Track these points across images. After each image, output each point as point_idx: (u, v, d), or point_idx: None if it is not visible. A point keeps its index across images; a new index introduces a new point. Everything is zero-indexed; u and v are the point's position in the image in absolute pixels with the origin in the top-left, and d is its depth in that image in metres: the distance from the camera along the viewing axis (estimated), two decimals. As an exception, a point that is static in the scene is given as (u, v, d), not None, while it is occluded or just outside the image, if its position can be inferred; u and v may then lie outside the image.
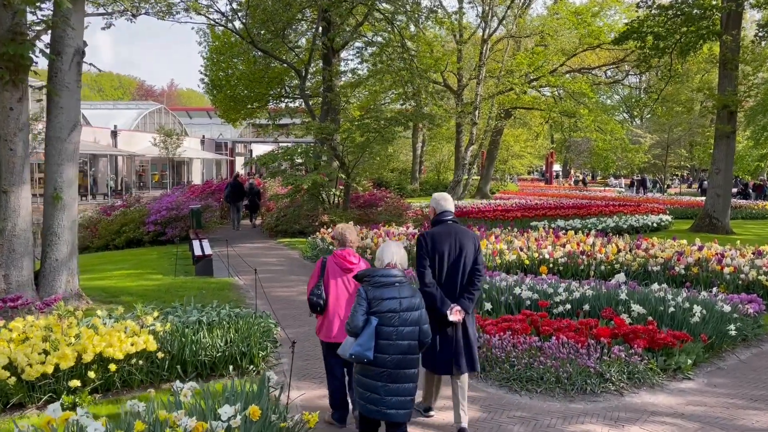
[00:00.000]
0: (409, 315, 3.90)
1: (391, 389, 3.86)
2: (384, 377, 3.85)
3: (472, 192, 35.53)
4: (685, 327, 7.03)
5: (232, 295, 9.48)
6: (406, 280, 4.06)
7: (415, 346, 3.93)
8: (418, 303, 3.99)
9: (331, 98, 17.47)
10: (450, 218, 5.00)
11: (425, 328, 3.99)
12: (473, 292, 4.85)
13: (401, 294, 3.92)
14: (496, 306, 7.81)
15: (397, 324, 3.85)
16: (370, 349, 3.76)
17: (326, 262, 5.03)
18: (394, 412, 3.88)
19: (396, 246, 4.27)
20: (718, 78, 19.46)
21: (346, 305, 4.89)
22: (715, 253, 10.47)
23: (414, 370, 3.98)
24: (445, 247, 4.81)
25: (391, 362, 3.84)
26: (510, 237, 12.49)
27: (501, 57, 30.50)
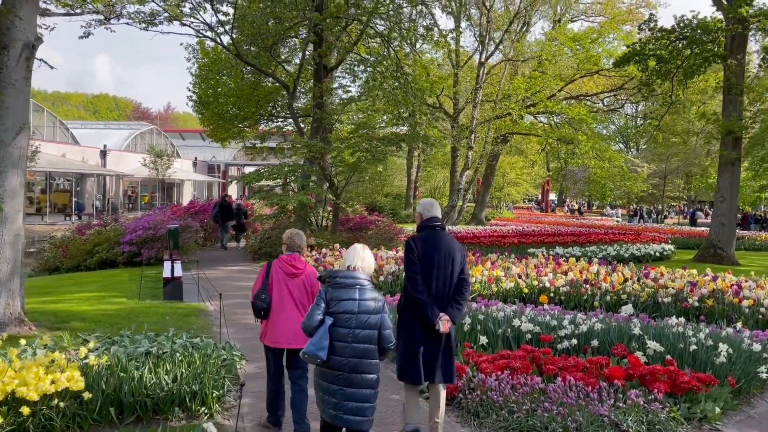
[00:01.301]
0: (367, 318, 3.79)
1: (348, 394, 3.75)
2: (340, 381, 3.76)
3: (467, 218, 34.77)
4: (710, 368, 6.12)
5: (198, 322, 8.53)
6: (368, 284, 3.93)
7: (373, 351, 3.82)
8: (380, 307, 3.86)
9: (320, 116, 16.72)
10: (438, 224, 4.84)
11: (386, 333, 3.85)
12: (461, 302, 4.69)
13: (360, 296, 3.82)
14: (493, 340, 6.89)
15: (353, 326, 3.76)
16: (322, 348, 3.68)
17: (271, 266, 5.01)
18: (352, 417, 3.76)
19: (362, 250, 4.11)
20: (723, 103, 18.85)
21: (290, 310, 4.88)
22: (730, 285, 9.59)
23: (372, 376, 3.84)
24: (434, 253, 4.64)
25: (347, 365, 3.74)
26: (507, 263, 11.60)
27: (498, 81, 29.97)
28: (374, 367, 3.86)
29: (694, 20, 18.09)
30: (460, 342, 6.83)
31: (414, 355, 4.58)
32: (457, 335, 5.77)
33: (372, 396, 3.84)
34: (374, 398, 3.87)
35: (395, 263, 10.89)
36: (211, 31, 15.40)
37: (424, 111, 18.08)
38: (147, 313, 8.89)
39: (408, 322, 4.69)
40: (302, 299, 4.94)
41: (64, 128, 40.09)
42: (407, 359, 4.64)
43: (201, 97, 22.50)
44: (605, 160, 29.95)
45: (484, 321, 7.09)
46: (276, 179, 15.57)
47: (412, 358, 4.60)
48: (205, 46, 21.91)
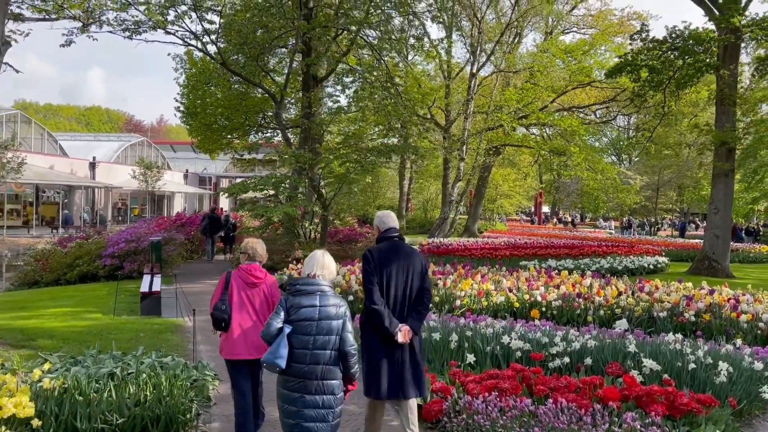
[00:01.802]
0: (328, 324, 3.76)
1: (309, 401, 3.72)
2: (301, 388, 3.73)
3: (459, 231, 34.48)
4: (709, 388, 5.80)
5: (174, 339, 8.15)
6: (330, 290, 3.90)
7: (334, 357, 3.78)
8: (341, 313, 3.83)
9: (308, 126, 16.41)
10: (395, 235, 4.82)
11: (346, 336, 3.80)
12: (422, 312, 4.65)
13: (321, 302, 3.78)
14: (481, 358, 6.55)
15: (314, 333, 3.73)
16: (280, 357, 3.65)
17: (230, 276, 4.93)
18: (313, 425, 3.72)
19: (322, 256, 4.07)
20: (716, 114, 18.68)
21: (250, 320, 4.79)
22: (727, 299, 9.29)
23: (334, 382, 3.80)
24: (393, 264, 4.62)
25: (308, 372, 3.71)
26: (498, 276, 11.27)
27: (489, 92, 29.83)
28: (336, 373, 3.80)
29: (686, 31, 17.97)
30: (446, 360, 6.49)
31: (377, 370, 4.53)
32: (425, 347, 5.79)
33: (334, 403, 3.80)
34: (337, 404, 3.82)
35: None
36: (197, 40, 15.10)
37: (414, 121, 17.81)
38: (120, 329, 8.50)
39: (369, 336, 4.64)
40: (263, 309, 4.88)
41: (53, 140, 39.67)
42: (370, 374, 4.58)
43: (188, 108, 22.17)
44: (598, 171, 29.78)
45: (472, 338, 6.75)
46: (263, 191, 15.23)
47: (375, 372, 4.55)
48: (193, 56, 21.63)
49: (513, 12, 28.38)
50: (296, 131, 20.52)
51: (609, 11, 34.07)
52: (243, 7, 16.10)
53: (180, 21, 14.56)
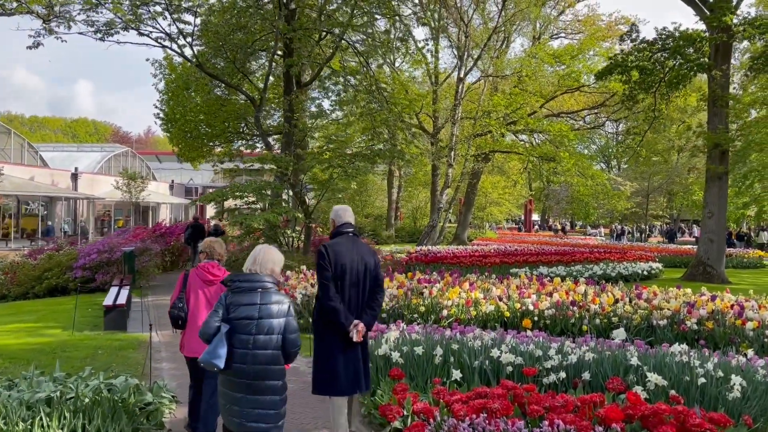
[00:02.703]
0: (269, 323, 3.63)
1: (251, 401, 3.61)
2: (243, 388, 3.62)
3: (449, 239, 33.96)
4: (721, 405, 5.22)
5: (136, 356, 7.48)
6: (272, 287, 3.75)
7: (276, 357, 3.65)
8: (284, 310, 3.69)
9: (288, 130, 15.81)
10: (350, 230, 4.78)
11: (291, 337, 3.66)
12: (376, 308, 4.69)
13: (262, 300, 3.66)
14: (468, 374, 5.94)
15: (254, 332, 3.60)
16: (218, 357, 3.53)
17: (188, 274, 4.96)
18: (255, 425, 3.62)
19: (266, 250, 3.91)
20: (708, 116, 18.29)
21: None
22: (730, 305, 8.75)
23: (277, 383, 3.69)
24: (347, 259, 4.56)
25: (249, 372, 3.60)
26: (487, 284, 10.69)
27: (477, 98, 29.41)
28: (278, 373, 3.68)
29: (675, 32, 17.60)
30: (430, 377, 5.89)
31: (334, 367, 4.51)
32: (427, 364, 5.64)
33: (277, 403, 3.67)
34: (280, 405, 3.70)
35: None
36: (171, 42, 14.51)
37: (400, 127, 17.27)
38: (78, 346, 7.82)
39: (324, 332, 4.59)
40: None
41: (33, 151, 38.83)
42: (327, 372, 4.56)
43: (168, 115, 21.54)
44: (588, 177, 29.39)
45: (459, 351, 6.14)
46: (241, 197, 14.60)
47: (332, 370, 4.53)
48: (173, 62, 21.04)
49: (500, 16, 28.01)
50: (280, 138, 19.93)
51: (597, 16, 33.90)
52: (220, 9, 15.52)
53: (153, 21, 13.96)
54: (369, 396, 5.67)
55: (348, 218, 4.81)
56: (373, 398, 5.54)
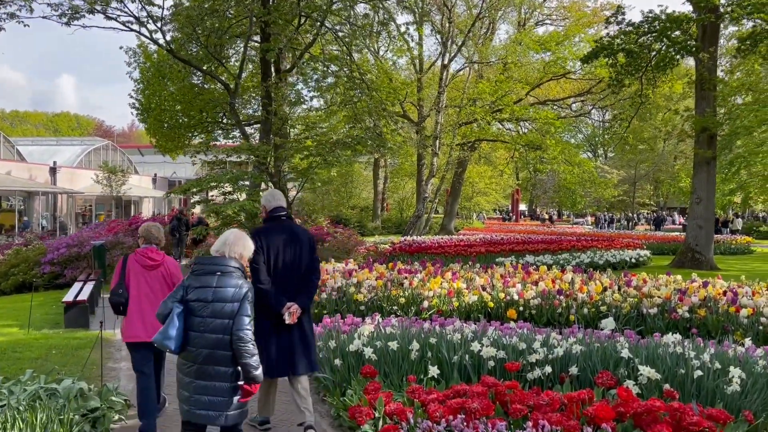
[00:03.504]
0: (222, 306, 3.51)
1: (200, 387, 3.50)
2: (193, 373, 3.54)
3: (436, 229, 33.60)
4: (719, 400, 4.82)
5: (94, 356, 6.97)
6: (234, 271, 3.62)
7: (227, 342, 3.49)
8: (239, 295, 3.54)
9: (265, 117, 15.24)
10: (283, 214, 4.84)
11: (239, 319, 3.51)
12: (311, 290, 4.76)
13: (219, 283, 3.55)
14: (447, 370, 5.50)
15: (206, 315, 3.51)
16: (169, 338, 3.48)
17: (127, 260, 4.94)
18: (204, 413, 3.51)
19: (238, 235, 3.83)
20: (695, 100, 17.96)
21: (149, 303, 4.78)
22: (722, 292, 8.38)
23: (227, 369, 3.53)
24: (279, 243, 4.62)
25: (199, 356, 3.51)
26: (470, 274, 10.26)
27: (462, 86, 28.95)
28: (228, 359, 3.50)
29: (662, 15, 17.20)
30: (405, 374, 5.44)
31: (264, 348, 4.45)
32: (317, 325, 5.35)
33: (227, 391, 3.51)
34: (230, 393, 3.53)
35: (342, 277, 9.45)
36: (140, 26, 13.86)
37: (381, 113, 16.74)
38: (32, 346, 7.29)
39: (258, 316, 4.32)
40: (163, 291, 4.83)
41: (9, 145, 37.86)
42: (262, 351, 4.36)
43: (144, 104, 20.86)
44: (575, 165, 29.09)
45: (437, 346, 5.70)
46: (217, 188, 14.04)
47: (262, 351, 4.32)
48: (148, 49, 20.34)
49: (483, 2, 27.50)
50: (261, 128, 19.33)
51: (582, 2, 33.43)
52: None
53: (121, 4, 13.33)
54: (338, 396, 5.23)
55: (279, 203, 4.86)
56: (343, 398, 5.09)
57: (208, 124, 20.87)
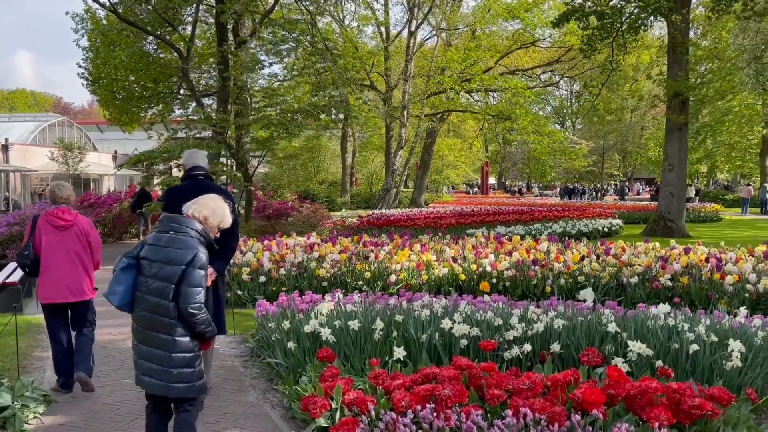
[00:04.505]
0: (163, 269, 3.18)
1: (143, 352, 3.26)
2: (138, 336, 3.31)
3: (406, 203, 33.06)
4: (717, 377, 4.33)
5: (21, 344, 6.21)
6: (190, 232, 3.26)
7: (167, 308, 3.16)
8: (186, 259, 3.18)
9: (222, 84, 14.32)
10: (201, 173, 4.74)
11: (186, 290, 3.15)
12: (227, 253, 4.52)
13: (167, 243, 3.24)
14: (415, 351, 4.91)
15: (148, 275, 3.24)
16: (113, 293, 3.26)
17: (37, 220, 4.87)
18: (147, 379, 3.24)
19: (211, 198, 3.50)
20: (668, 64, 17.53)
21: (63, 263, 4.77)
22: (705, 258, 7.96)
23: (166, 337, 3.19)
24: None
25: (141, 320, 3.27)
26: (441, 245, 9.68)
27: (431, 55, 28.17)
28: (169, 327, 3.20)
29: (634, -25, 16.66)
30: (368, 357, 4.83)
31: None
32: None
33: (167, 360, 3.21)
34: (174, 364, 3.21)
35: (303, 252, 8.77)
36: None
37: (345, 79, 15.91)
38: (-51, 335, 6.47)
39: None
40: (78, 251, 4.84)
41: (-45, 122, 35.91)
42: None
43: (93, 74, 19.65)
44: (544, 135, 28.70)
45: (404, 324, 5.09)
46: (170, 159, 13.14)
47: None
48: (96, 14, 19.07)
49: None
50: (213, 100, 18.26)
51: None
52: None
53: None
54: (291, 384, 4.59)
55: (198, 162, 4.73)
56: (297, 387, 4.46)
57: (164, 96, 19.80)
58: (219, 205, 3.51)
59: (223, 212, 3.51)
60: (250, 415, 4.48)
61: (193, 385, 3.25)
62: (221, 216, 3.49)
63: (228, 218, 3.56)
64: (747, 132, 35.31)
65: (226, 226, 3.60)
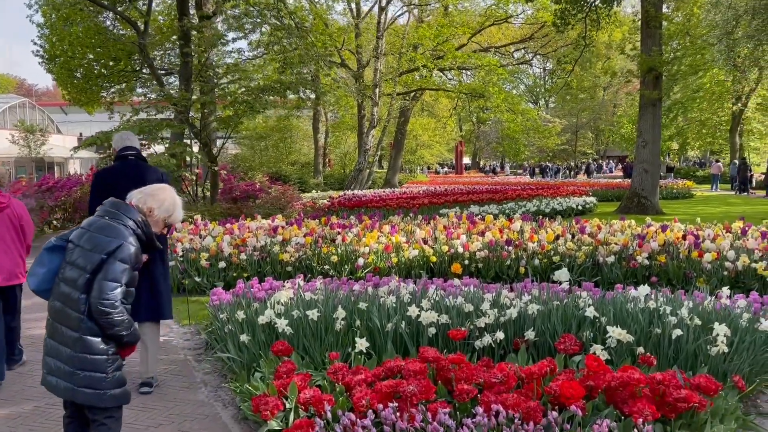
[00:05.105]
0: (83, 255, 2.78)
1: (50, 348, 2.87)
2: (48, 328, 2.91)
3: (380, 184, 32.64)
4: (703, 363, 4.05)
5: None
6: (125, 221, 2.87)
7: (76, 300, 2.76)
8: (109, 248, 2.77)
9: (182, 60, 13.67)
10: (131, 153, 4.59)
11: (103, 284, 2.72)
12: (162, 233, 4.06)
13: (93, 227, 2.87)
14: (380, 341, 4.54)
15: (68, 260, 2.85)
16: (32, 274, 2.92)
17: None
18: (53, 380, 2.83)
19: (162, 188, 3.14)
20: (641, 39, 17.30)
21: None
22: (682, 235, 7.72)
23: (73, 334, 2.78)
24: (123, 184, 3.70)
25: (52, 310, 2.88)
26: (411, 226, 9.32)
27: (403, 32, 27.61)
28: (78, 323, 2.78)
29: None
30: (328, 350, 4.45)
31: None
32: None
33: (70, 358, 2.79)
34: (81, 365, 2.78)
35: (266, 235, 8.33)
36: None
37: (313, 57, 15.33)
38: None
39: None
40: (10, 233, 4.78)
41: None
42: None
43: (49, 52, 18.73)
44: (518, 113, 28.46)
45: (368, 312, 4.71)
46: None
47: None
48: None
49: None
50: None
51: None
52: None
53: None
54: (243, 381, 4.20)
55: (129, 143, 4.63)
56: (247, 385, 4.06)
57: (125, 75, 18.98)
58: (169, 197, 3.13)
59: (172, 206, 3.12)
60: (199, 416, 4.08)
61: (104, 393, 2.80)
62: (169, 210, 3.10)
63: (179, 213, 3.18)
64: (717, 109, 35.53)
65: (175, 221, 3.21)
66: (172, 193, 3.15)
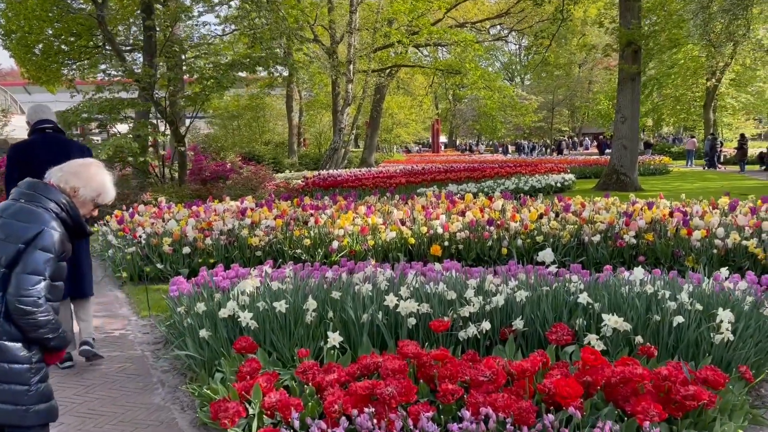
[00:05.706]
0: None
1: None
2: None
3: (356, 164, 32.10)
4: (706, 352, 3.73)
5: None
6: (45, 204, 2.45)
7: None
8: (28, 237, 2.35)
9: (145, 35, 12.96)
10: (48, 126, 4.43)
11: (22, 277, 2.29)
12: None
13: (9, 213, 2.42)
14: (356, 334, 4.15)
15: None
16: None
17: None
18: None
19: (80, 165, 2.67)
20: (619, 11, 16.97)
21: None
22: (669, 213, 7.43)
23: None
24: (40, 158, 3.72)
25: None
26: (388, 207, 8.91)
27: (377, 6, 26.91)
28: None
29: None
30: (299, 344, 4.04)
31: None
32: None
33: None
34: (7, 377, 2.31)
35: (233, 217, 7.85)
36: None
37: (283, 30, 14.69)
38: None
39: None
40: None
41: None
42: None
43: (4, 26, 17.77)
44: (495, 90, 28.07)
45: (341, 302, 4.31)
46: (89, 120, 11.85)
47: None
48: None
49: None
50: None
51: None
52: None
53: None
54: (204, 381, 3.78)
55: (44, 115, 4.45)
56: (206, 389, 3.64)
57: (87, 51, 18.11)
58: (96, 173, 2.68)
59: (101, 184, 2.67)
60: (153, 422, 3.66)
61: (27, 409, 2.35)
62: (98, 189, 2.65)
63: (110, 192, 2.73)
64: (692, 84, 35.56)
65: (106, 201, 2.72)
66: (99, 169, 2.71)
